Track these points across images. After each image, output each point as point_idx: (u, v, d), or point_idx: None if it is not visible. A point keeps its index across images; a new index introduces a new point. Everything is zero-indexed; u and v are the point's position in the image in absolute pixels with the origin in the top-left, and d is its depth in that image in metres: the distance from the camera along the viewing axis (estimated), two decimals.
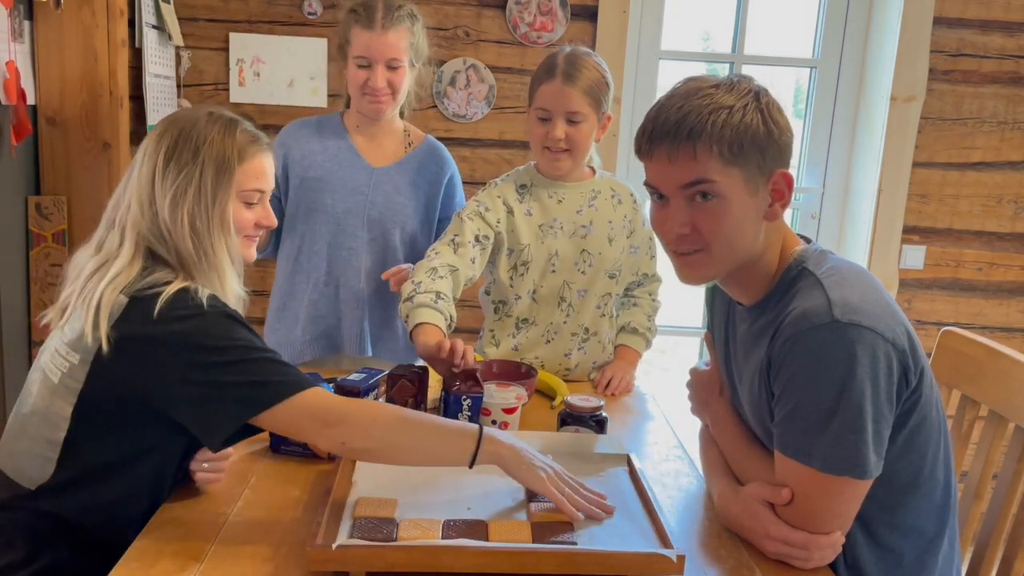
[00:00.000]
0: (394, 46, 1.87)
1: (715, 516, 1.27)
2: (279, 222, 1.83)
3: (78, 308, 1.19)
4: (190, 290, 1.18)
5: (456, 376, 1.52)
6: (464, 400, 1.47)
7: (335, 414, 1.18)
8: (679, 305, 3.03)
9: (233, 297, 1.30)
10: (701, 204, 1.15)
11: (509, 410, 1.51)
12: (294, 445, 1.38)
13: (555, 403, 1.74)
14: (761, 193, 1.16)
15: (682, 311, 3.49)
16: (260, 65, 2.73)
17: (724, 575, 1.12)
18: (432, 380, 1.62)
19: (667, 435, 1.62)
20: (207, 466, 1.28)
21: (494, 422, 1.50)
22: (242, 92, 2.74)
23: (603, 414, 1.48)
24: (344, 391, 1.47)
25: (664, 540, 1.11)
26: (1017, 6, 2.79)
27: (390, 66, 1.88)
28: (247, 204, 1.31)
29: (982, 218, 2.93)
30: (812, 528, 1.12)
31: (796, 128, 1.26)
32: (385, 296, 2.00)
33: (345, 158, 1.96)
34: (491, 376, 1.71)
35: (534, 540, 1.10)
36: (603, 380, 1.85)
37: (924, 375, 1.15)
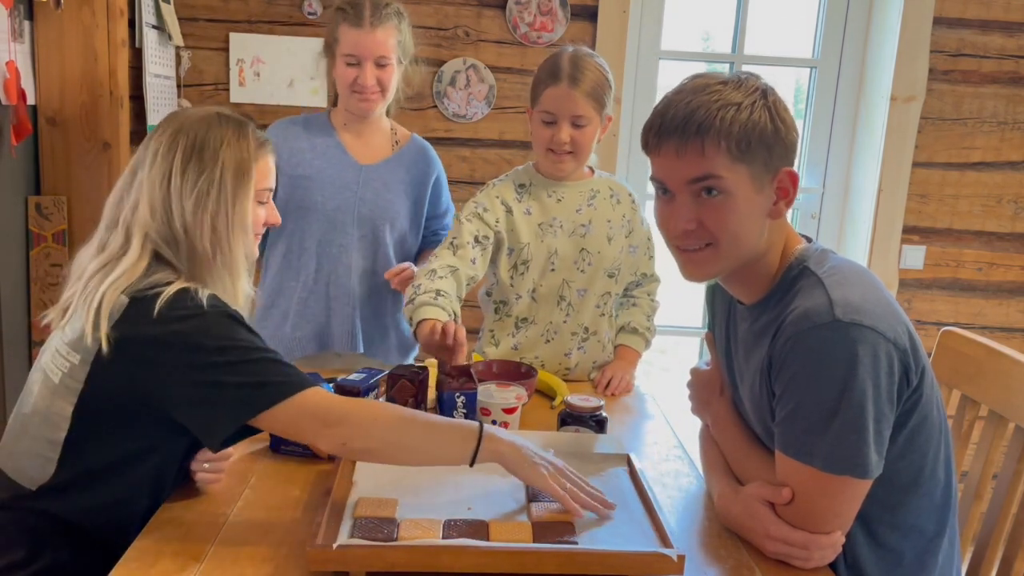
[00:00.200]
0: (382, 44, 1.87)
1: (715, 516, 1.27)
2: None
3: (79, 308, 1.19)
4: (190, 290, 1.18)
5: (450, 374, 1.52)
6: (458, 397, 1.48)
7: (335, 414, 1.18)
8: (679, 305, 3.03)
9: (244, 295, 1.31)
10: (707, 200, 1.15)
11: (509, 410, 1.51)
12: (294, 445, 1.38)
13: (555, 403, 1.74)
14: (766, 191, 1.16)
15: (682, 311, 3.49)
16: (260, 65, 2.73)
17: (724, 575, 1.12)
18: (432, 380, 1.62)
19: (667, 435, 1.62)
20: (207, 466, 1.28)
21: (494, 422, 1.50)
22: (242, 92, 2.74)
23: (603, 414, 1.48)
24: (344, 391, 1.47)
25: (664, 540, 1.11)
26: (1017, 6, 2.79)
27: (379, 64, 1.88)
28: (259, 203, 1.33)
29: (982, 218, 2.93)
30: (812, 528, 1.12)
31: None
32: (375, 293, 2.01)
33: (333, 156, 1.97)
34: (491, 376, 1.71)
35: (535, 540, 1.10)
36: (603, 380, 1.85)
37: (925, 374, 1.15)
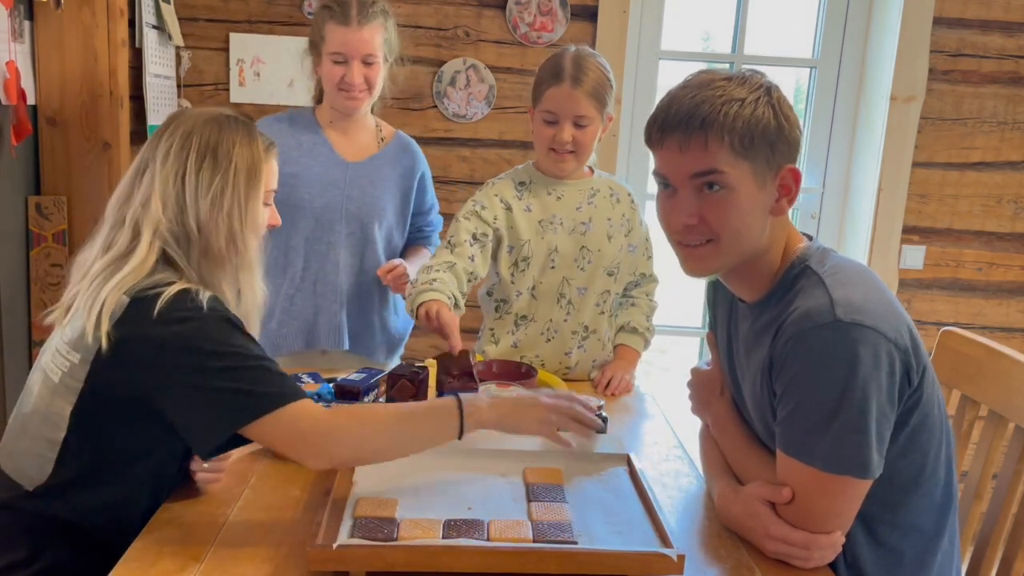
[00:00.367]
0: (369, 42, 1.88)
1: (715, 516, 1.27)
2: None
3: (81, 308, 1.19)
4: (191, 292, 1.18)
5: (451, 374, 1.52)
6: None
7: (321, 430, 1.16)
8: (679, 305, 3.03)
9: (261, 292, 1.34)
10: (709, 195, 1.15)
11: None
12: None
13: None
14: (769, 187, 1.17)
15: (682, 311, 3.49)
16: (260, 65, 2.73)
17: (724, 575, 1.12)
18: (432, 380, 1.61)
19: (667, 435, 1.62)
20: (207, 466, 1.27)
21: None
22: (242, 92, 2.74)
23: (603, 414, 1.48)
24: (344, 391, 1.47)
25: (664, 540, 1.11)
26: (1017, 6, 2.79)
27: (366, 61, 1.89)
28: (264, 204, 1.35)
29: (982, 218, 2.93)
30: (813, 527, 1.12)
31: None
32: (363, 290, 2.02)
33: (320, 153, 1.97)
34: (491, 376, 1.71)
35: (535, 540, 1.10)
36: (603, 380, 1.85)
37: (926, 374, 1.15)
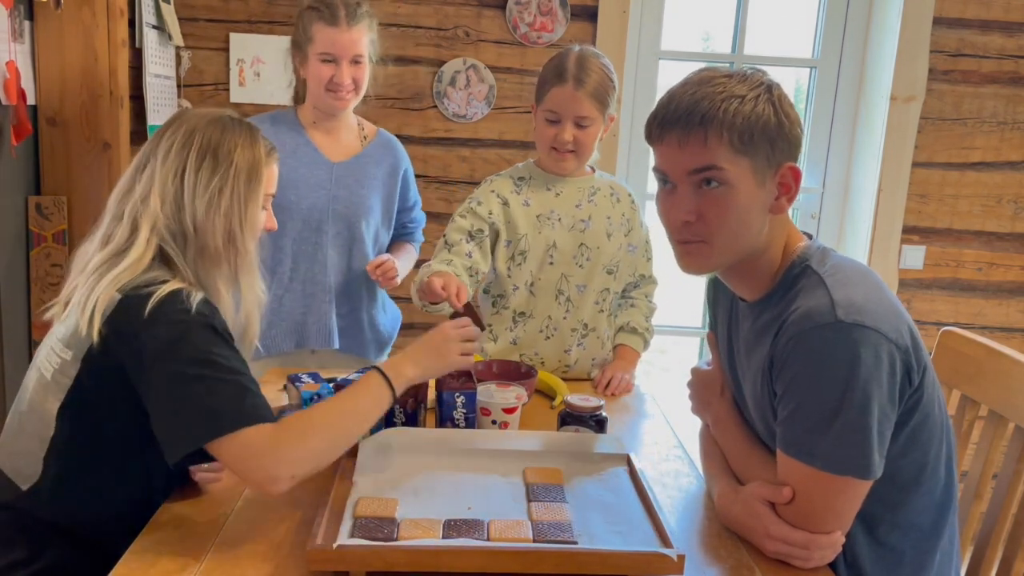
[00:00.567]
0: (358, 42, 1.91)
1: (715, 516, 1.27)
2: None
3: (76, 304, 1.19)
4: (182, 292, 1.17)
5: (450, 374, 1.52)
6: (457, 397, 1.48)
7: (268, 445, 1.12)
8: (679, 305, 3.03)
9: (260, 293, 1.34)
10: (708, 192, 1.15)
11: (509, 410, 1.51)
12: None
13: (555, 403, 1.74)
14: (768, 185, 1.16)
15: (682, 311, 3.49)
16: (260, 65, 2.73)
17: (724, 575, 1.12)
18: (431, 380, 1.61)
19: (667, 435, 1.62)
20: (207, 466, 1.27)
21: (494, 422, 1.50)
22: (242, 92, 2.74)
23: (603, 414, 1.48)
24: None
25: (664, 540, 1.11)
26: (1017, 6, 2.79)
27: (355, 61, 1.91)
28: (263, 208, 1.35)
29: (982, 218, 2.93)
30: (813, 527, 1.12)
31: None
32: (351, 289, 2.03)
33: (304, 154, 1.98)
34: (491, 376, 1.71)
35: (535, 540, 1.10)
36: (603, 380, 1.85)
37: (927, 373, 1.15)
